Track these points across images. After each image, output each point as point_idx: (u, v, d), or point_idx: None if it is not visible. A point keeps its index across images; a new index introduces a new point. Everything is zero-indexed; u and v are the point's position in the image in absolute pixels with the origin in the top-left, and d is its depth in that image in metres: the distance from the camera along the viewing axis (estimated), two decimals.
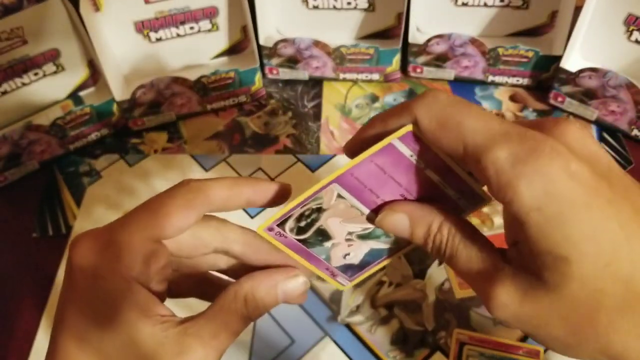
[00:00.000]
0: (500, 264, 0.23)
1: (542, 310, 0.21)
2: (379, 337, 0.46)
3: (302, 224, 0.28)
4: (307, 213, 0.27)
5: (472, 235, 0.25)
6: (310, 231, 0.28)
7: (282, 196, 0.28)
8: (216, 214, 0.28)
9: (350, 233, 0.29)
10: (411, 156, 0.25)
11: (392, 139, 0.25)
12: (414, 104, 0.23)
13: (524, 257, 0.22)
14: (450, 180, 0.26)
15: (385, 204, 0.27)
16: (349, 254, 0.30)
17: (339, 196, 0.27)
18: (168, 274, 0.27)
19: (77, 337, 0.25)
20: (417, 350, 0.45)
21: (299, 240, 0.28)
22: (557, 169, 0.20)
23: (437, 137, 0.23)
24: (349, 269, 0.31)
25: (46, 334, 0.48)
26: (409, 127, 0.24)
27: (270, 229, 0.27)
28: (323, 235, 0.28)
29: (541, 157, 0.20)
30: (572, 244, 0.20)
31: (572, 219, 0.20)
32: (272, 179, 0.57)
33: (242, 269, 0.29)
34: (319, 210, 0.27)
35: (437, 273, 0.49)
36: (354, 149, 0.26)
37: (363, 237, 0.29)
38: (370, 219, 0.28)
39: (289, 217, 0.27)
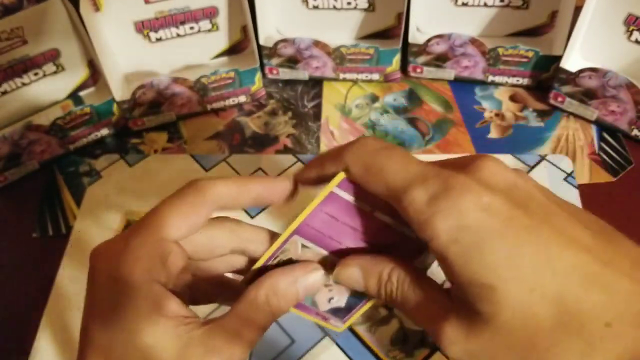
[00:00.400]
0: (447, 304, 0.24)
1: (487, 344, 0.22)
2: (379, 337, 0.46)
3: None
4: (280, 266, 0.28)
5: (420, 280, 0.26)
6: None
7: (291, 191, 0.28)
8: (230, 214, 0.28)
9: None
10: (355, 201, 0.26)
11: (331, 188, 0.25)
12: (344, 151, 0.24)
13: (457, 291, 0.23)
14: (401, 219, 0.26)
15: (349, 249, 0.28)
16: (333, 298, 0.30)
17: (304, 246, 0.27)
18: (188, 279, 0.27)
19: (102, 352, 0.25)
20: (417, 350, 0.45)
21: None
22: (469, 203, 0.21)
23: (365, 181, 0.24)
24: (339, 312, 0.31)
25: (46, 334, 0.48)
26: (342, 175, 0.25)
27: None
28: None
29: (452, 193, 0.21)
30: (492, 271, 0.21)
31: (488, 248, 0.21)
32: None
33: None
34: (290, 261, 0.28)
35: (437, 273, 0.49)
36: (303, 183, 0.27)
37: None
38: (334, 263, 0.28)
39: (265, 270, 0.28)
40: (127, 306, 0.24)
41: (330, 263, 0.28)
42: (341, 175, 0.25)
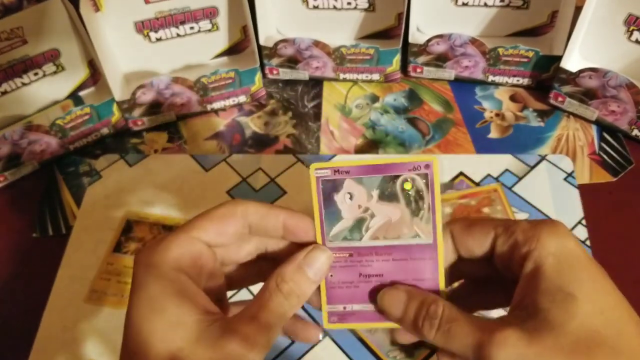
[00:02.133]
0: (499, 320, 0.26)
1: (547, 348, 0.24)
2: (379, 337, 0.46)
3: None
4: (387, 192, 0.30)
5: (464, 312, 0.28)
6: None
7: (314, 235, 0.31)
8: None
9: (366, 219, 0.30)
10: None
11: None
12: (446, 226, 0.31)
13: (532, 303, 0.26)
14: None
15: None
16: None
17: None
18: (222, 286, 0.31)
19: (134, 328, 0.27)
20: (417, 350, 0.45)
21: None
22: (568, 234, 0.27)
23: (469, 231, 0.30)
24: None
25: (46, 335, 0.48)
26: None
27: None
28: (360, 224, 0.30)
29: (556, 224, 0.28)
30: (580, 284, 0.25)
31: (580, 267, 0.26)
32: (272, 179, 0.57)
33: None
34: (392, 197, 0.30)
35: None
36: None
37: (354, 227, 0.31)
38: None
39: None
40: (156, 286, 0.27)
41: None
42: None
